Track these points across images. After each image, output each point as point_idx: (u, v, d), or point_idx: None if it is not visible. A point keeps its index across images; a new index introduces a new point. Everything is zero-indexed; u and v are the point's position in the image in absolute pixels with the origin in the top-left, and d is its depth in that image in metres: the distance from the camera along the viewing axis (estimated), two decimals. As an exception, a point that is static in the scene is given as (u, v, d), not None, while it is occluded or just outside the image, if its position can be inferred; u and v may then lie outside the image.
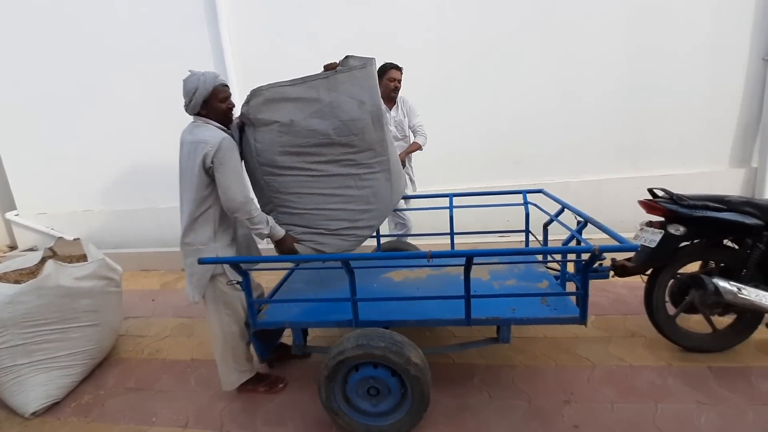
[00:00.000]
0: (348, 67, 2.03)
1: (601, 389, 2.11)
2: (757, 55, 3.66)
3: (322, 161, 2.03)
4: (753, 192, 3.89)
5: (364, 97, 2.01)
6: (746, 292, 2.03)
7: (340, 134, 1.98)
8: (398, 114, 3.30)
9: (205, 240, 1.93)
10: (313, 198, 2.07)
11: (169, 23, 4.23)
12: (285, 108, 1.95)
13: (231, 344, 2.07)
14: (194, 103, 1.90)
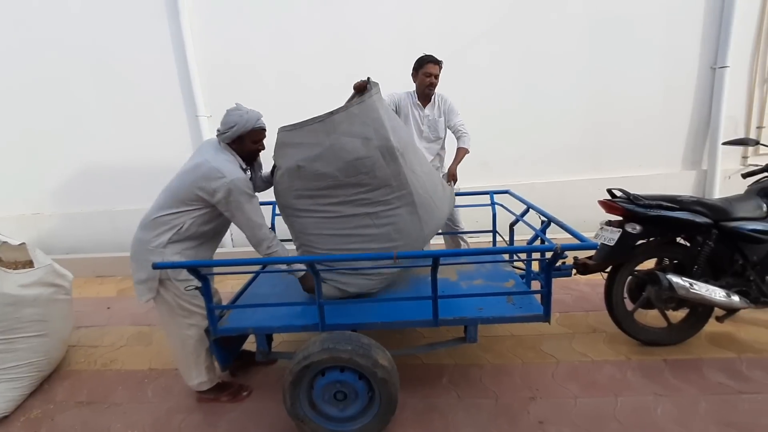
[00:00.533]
0: (345, 105, 1.96)
1: (564, 385, 2.16)
2: (706, 64, 3.89)
3: (335, 203, 1.98)
4: (703, 192, 4.13)
5: (368, 133, 1.91)
6: (697, 288, 2.14)
7: (347, 175, 1.91)
8: (433, 112, 3.05)
9: (156, 243, 1.87)
10: (332, 239, 2.02)
11: (126, 16, 4.03)
12: (291, 153, 1.96)
13: (189, 349, 2.00)
14: (229, 135, 1.93)
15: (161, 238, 1.86)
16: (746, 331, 2.52)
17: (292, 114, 4.14)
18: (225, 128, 1.92)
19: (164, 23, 4.00)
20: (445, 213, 2.29)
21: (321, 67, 4.04)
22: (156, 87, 4.16)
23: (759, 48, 3.84)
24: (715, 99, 3.89)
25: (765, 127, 3.98)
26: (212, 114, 4.20)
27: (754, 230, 2.11)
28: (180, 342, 2.01)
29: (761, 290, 2.22)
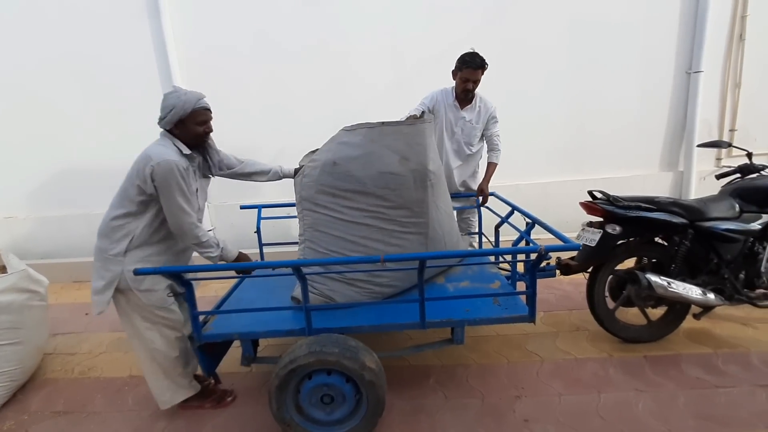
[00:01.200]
0: (397, 121, 2.04)
1: (549, 383, 2.19)
2: (682, 69, 4.02)
3: (354, 207, 2.02)
4: (680, 193, 4.26)
5: (409, 153, 2.00)
6: (675, 286, 2.20)
7: (376, 185, 1.98)
8: (471, 116, 2.90)
9: (114, 252, 1.82)
10: (338, 241, 2.05)
11: (106, 19, 3.93)
12: (335, 149, 2.00)
13: (158, 361, 1.95)
14: (168, 120, 1.83)
15: (119, 246, 1.82)
16: (722, 327, 2.60)
17: (276, 116, 4.15)
18: (163, 113, 1.84)
19: (145, 25, 3.92)
20: (450, 260, 2.35)
21: (305, 69, 4.01)
22: (136, 89, 4.06)
23: (731, 53, 3.99)
24: (690, 103, 4.02)
25: (738, 129, 4.13)
26: (195, 115, 4.12)
27: (728, 230, 2.19)
28: (148, 355, 1.94)
29: (735, 288, 2.30)
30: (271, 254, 3.75)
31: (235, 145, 4.17)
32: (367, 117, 4.30)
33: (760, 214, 2.24)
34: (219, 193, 4.31)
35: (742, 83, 4.02)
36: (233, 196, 4.27)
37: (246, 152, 4.19)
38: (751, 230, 2.21)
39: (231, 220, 4.29)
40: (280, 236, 4.01)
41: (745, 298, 2.32)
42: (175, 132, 1.87)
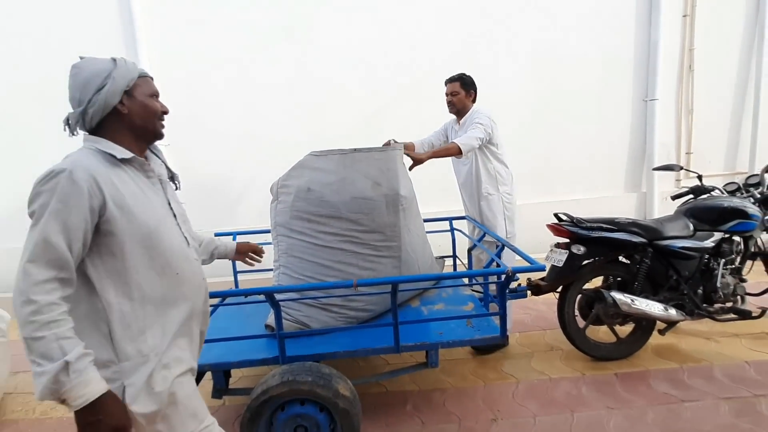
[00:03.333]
0: (369, 147, 2.13)
1: (524, 404, 2.22)
2: (639, 97, 4.29)
3: (327, 232, 2.05)
4: (644, 212, 4.46)
5: (381, 179, 2.08)
6: (638, 303, 2.29)
7: (349, 210, 2.03)
8: (463, 129, 2.75)
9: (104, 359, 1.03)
10: (312, 266, 2.08)
11: (78, 34, 3.94)
12: (307, 175, 2.05)
13: None
14: (95, 110, 1.09)
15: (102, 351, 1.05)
16: (687, 342, 2.70)
17: (254, 140, 4.18)
18: (85, 99, 1.09)
19: (121, 51, 3.95)
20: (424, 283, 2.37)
21: (283, 98, 4.10)
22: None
23: (683, 82, 4.30)
24: (649, 128, 4.28)
25: (694, 153, 4.40)
26: (170, 143, 4.12)
27: (683, 247, 2.32)
28: None
29: (695, 303, 2.42)
30: (247, 281, 3.72)
31: (213, 171, 4.19)
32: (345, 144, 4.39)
33: (712, 232, 2.38)
34: (192, 219, 4.26)
35: (694, 110, 4.32)
36: (208, 222, 4.23)
37: (224, 178, 4.22)
38: (704, 248, 2.35)
39: (207, 248, 4.23)
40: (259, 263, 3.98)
41: (704, 312, 2.43)
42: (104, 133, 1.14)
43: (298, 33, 4.01)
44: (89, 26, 3.91)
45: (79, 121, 1.14)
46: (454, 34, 4.08)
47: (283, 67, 4.05)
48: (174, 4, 3.92)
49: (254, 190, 4.22)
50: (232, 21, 3.95)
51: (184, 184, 4.63)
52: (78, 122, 1.14)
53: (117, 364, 1.05)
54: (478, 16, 4.06)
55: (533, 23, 4.10)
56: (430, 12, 4.03)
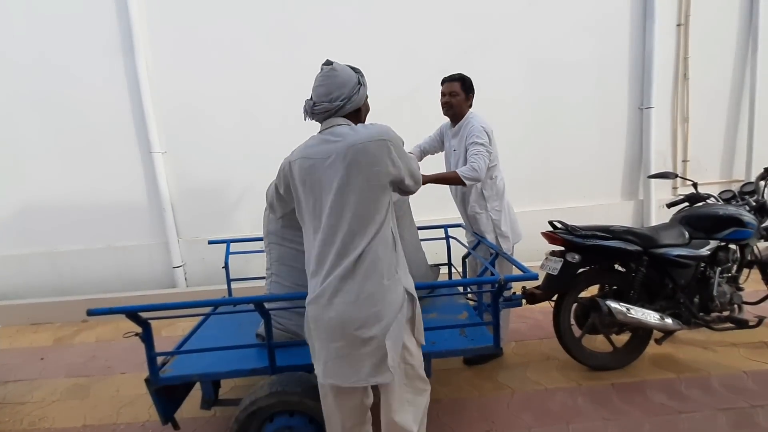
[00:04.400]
0: None
1: (519, 415, 2.18)
2: (635, 105, 4.30)
3: None
4: (641, 220, 4.45)
5: None
6: (634, 312, 2.27)
7: None
8: (456, 142, 2.58)
9: (393, 266, 1.40)
10: (303, 276, 1.98)
11: (79, 51, 3.96)
12: None
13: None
14: (353, 104, 1.47)
15: (392, 262, 1.42)
16: (684, 351, 2.67)
17: (249, 147, 4.18)
18: (340, 101, 1.45)
19: (119, 59, 3.96)
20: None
21: (279, 103, 4.10)
22: (107, 123, 4.05)
23: (678, 90, 4.31)
24: (645, 136, 4.28)
25: (690, 160, 4.40)
26: (167, 150, 4.12)
27: (679, 255, 2.29)
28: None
29: (691, 312, 2.39)
30: (241, 290, 3.69)
31: (209, 178, 4.19)
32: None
33: (708, 240, 2.36)
34: (189, 227, 4.26)
35: (689, 118, 4.32)
36: (203, 229, 4.22)
37: (220, 185, 4.21)
38: (700, 256, 2.33)
39: (202, 255, 4.21)
40: (254, 271, 3.97)
41: (701, 321, 2.40)
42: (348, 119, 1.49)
43: (294, 41, 4.03)
44: (87, 36, 3.93)
45: (328, 111, 1.45)
46: (449, 41, 4.10)
47: (279, 74, 4.06)
48: (171, 13, 3.95)
49: (250, 198, 4.22)
50: (228, 28, 3.98)
51: (180, 191, 4.70)
52: (326, 111, 1.45)
53: None
54: (474, 24, 4.08)
55: (529, 31, 4.12)
56: (426, 19, 4.06)
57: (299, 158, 1.44)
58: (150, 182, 4.11)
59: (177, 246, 4.19)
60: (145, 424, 2.30)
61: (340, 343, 1.35)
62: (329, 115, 1.46)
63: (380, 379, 1.36)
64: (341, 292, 1.33)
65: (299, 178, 1.43)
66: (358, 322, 1.32)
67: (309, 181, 1.41)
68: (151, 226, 4.18)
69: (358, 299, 1.32)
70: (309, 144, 1.47)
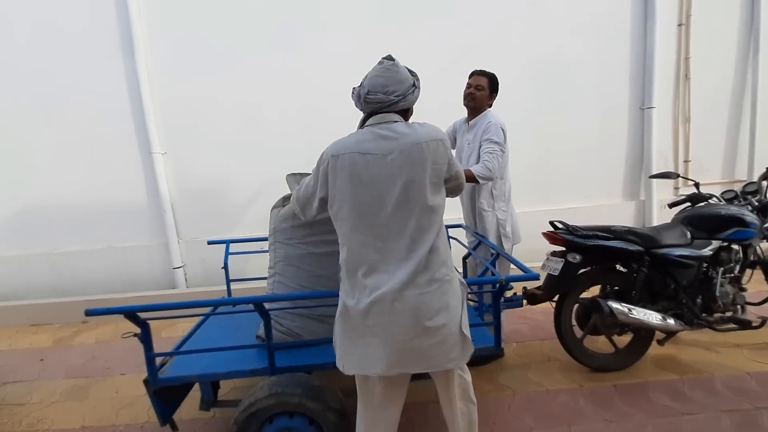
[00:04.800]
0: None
1: (520, 416, 2.16)
2: (636, 105, 4.29)
3: (329, 240, 1.91)
4: (643, 220, 4.43)
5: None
6: (635, 312, 2.25)
7: None
8: (471, 137, 2.59)
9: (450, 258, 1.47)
10: (309, 276, 2.00)
11: (78, 53, 3.96)
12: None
13: None
14: (408, 102, 1.48)
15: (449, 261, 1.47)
16: (687, 352, 2.65)
17: (249, 149, 4.17)
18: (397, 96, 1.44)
19: (119, 60, 3.96)
20: None
21: (278, 104, 4.10)
22: (108, 124, 4.05)
23: (679, 91, 4.30)
24: (646, 136, 4.27)
25: (692, 161, 4.39)
26: (167, 151, 4.12)
27: (681, 256, 2.28)
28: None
29: (694, 312, 2.37)
30: (241, 290, 3.67)
31: (210, 179, 4.18)
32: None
33: (710, 240, 2.35)
34: (189, 228, 4.25)
35: (691, 118, 4.31)
36: (204, 230, 4.21)
37: (220, 186, 4.21)
38: (702, 256, 2.31)
39: (202, 256, 4.20)
40: (254, 272, 3.96)
41: (704, 322, 2.39)
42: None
43: (296, 42, 4.03)
44: (88, 38, 3.93)
45: (381, 103, 1.44)
46: (450, 43, 4.09)
47: (279, 75, 4.06)
48: (171, 14, 3.95)
49: (250, 199, 4.21)
50: (228, 30, 3.98)
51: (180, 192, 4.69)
52: (378, 102, 1.44)
53: None
54: (475, 25, 4.08)
55: (529, 31, 4.11)
56: (426, 20, 4.05)
57: (351, 152, 1.38)
58: (150, 183, 4.10)
59: (177, 247, 4.19)
60: (144, 425, 2.29)
61: (410, 334, 1.36)
62: (380, 109, 1.45)
63: (454, 364, 1.44)
64: (412, 286, 1.35)
65: (350, 172, 1.37)
66: (431, 312, 1.36)
67: (365, 177, 1.36)
68: (151, 227, 4.18)
69: (430, 291, 1.36)
70: (361, 138, 1.41)
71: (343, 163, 1.38)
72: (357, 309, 1.39)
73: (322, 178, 1.45)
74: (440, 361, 1.41)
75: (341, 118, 4.10)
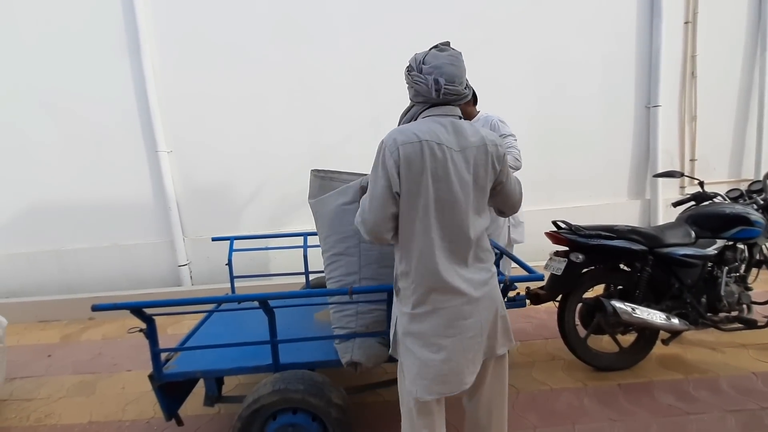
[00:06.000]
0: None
1: (525, 415, 2.16)
2: (641, 104, 4.26)
3: None
4: (649, 219, 4.40)
5: None
6: (639, 312, 2.24)
7: None
8: None
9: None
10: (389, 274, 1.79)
11: (85, 53, 4.00)
12: None
13: None
14: (468, 93, 1.38)
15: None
16: (692, 352, 2.63)
17: (254, 147, 4.19)
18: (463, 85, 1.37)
19: (125, 59, 3.99)
20: None
21: (282, 101, 4.12)
22: (113, 123, 4.08)
23: (685, 89, 4.27)
24: (652, 135, 4.24)
25: (698, 159, 4.35)
26: (172, 149, 4.15)
27: (685, 255, 2.27)
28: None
29: (699, 312, 2.36)
30: (245, 288, 3.70)
31: (215, 174, 4.21)
32: (343, 151, 4.40)
33: (714, 239, 2.33)
34: (194, 226, 4.28)
35: (697, 116, 4.27)
36: (208, 229, 4.24)
37: (224, 183, 4.23)
38: (707, 255, 2.30)
39: (207, 254, 4.23)
40: (258, 269, 3.98)
41: (709, 322, 2.37)
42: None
43: (300, 41, 4.04)
44: (94, 37, 3.97)
45: (458, 96, 1.34)
46: (453, 41, 4.06)
47: (283, 73, 4.07)
48: (177, 13, 3.97)
49: (255, 197, 4.23)
50: (233, 28, 4.00)
51: (185, 190, 4.73)
52: (455, 95, 1.33)
53: None
54: (478, 23, 4.07)
55: (533, 30, 4.10)
56: (430, 18, 4.04)
57: (427, 140, 1.24)
58: (156, 181, 4.13)
59: (182, 244, 4.22)
60: (150, 421, 2.31)
61: (489, 329, 1.42)
62: (454, 101, 1.35)
63: (510, 345, 1.50)
64: (489, 283, 1.41)
65: (431, 165, 1.24)
66: (499, 301, 1.45)
67: (441, 171, 1.25)
68: (157, 225, 4.21)
69: (493, 283, 1.43)
70: (437, 130, 1.28)
71: (415, 152, 1.23)
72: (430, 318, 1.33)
73: (392, 170, 1.25)
74: (499, 345, 1.47)
75: (346, 118, 4.14)
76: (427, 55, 1.35)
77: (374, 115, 4.15)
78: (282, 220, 4.21)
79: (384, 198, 1.28)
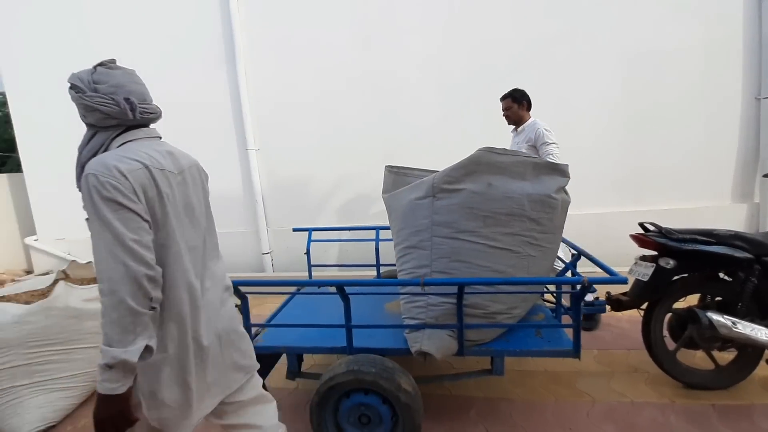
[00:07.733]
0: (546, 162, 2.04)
1: (600, 425, 2.07)
2: (750, 95, 3.76)
3: (506, 233, 1.85)
4: (757, 225, 3.88)
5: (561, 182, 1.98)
6: (741, 327, 2.01)
7: (534, 207, 1.86)
8: (520, 139, 3.13)
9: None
10: (482, 271, 1.86)
11: (191, 64, 4.54)
12: (485, 171, 1.86)
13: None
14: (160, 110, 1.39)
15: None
16: (807, 377, 2.30)
17: (332, 145, 4.44)
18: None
19: (222, 68, 4.47)
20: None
21: (357, 103, 4.31)
22: (211, 125, 4.59)
23: (809, 77, 3.69)
24: (763, 129, 3.73)
25: (821, 158, 3.74)
26: (260, 147, 4.55)
27: (803, 267, 1.99)
28: None
29: (817, 332, 2.05)
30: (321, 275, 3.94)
31: (296, 170, 4.54)
32: (416, 150, 4.47)
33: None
34: (277, 218, 4.65)
35: (823, 108, 3.67)
36: (289, 221, 4.58)
37: (305, 179, 4.54)
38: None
39: (287, 244, 4.58)
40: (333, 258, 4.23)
41: (829, 344, 2.05)
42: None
43: (374, 45, 4.20)
44: (197, 49, 4.49)
45: (156, 114, 1.35)
46: (531, 32, 3.95)
47: (361, 77, 4.26)
48: (268, 26, 4.36)
49: (332, 191, 4.50)
50: (315, 38, 4.28)
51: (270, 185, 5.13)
52: (155, 114, 1.34)
53: None
54: (560, 11, 3.88)
55: (622, 17, 3.81)
56: (505, 12, 3.96)
57: (152, 167, 1.19)
58: (245, 176, 4.57)
59: (266, 234, 4.62)
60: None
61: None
62: (153, 120, 1.37)
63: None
64: None
65: (166, 192, 1.24)
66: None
67: (178, 196, 1.30)
68: (246, 216, 4.66)
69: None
70: (154, 155, 1.23)
71: (147, 178, 1.13)
72: None
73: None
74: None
75: (417, 115, 4.21)
76: (95, 74, 1.17)
77: (444, 114, 4.17)
78: (356, 215, 4.42)
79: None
